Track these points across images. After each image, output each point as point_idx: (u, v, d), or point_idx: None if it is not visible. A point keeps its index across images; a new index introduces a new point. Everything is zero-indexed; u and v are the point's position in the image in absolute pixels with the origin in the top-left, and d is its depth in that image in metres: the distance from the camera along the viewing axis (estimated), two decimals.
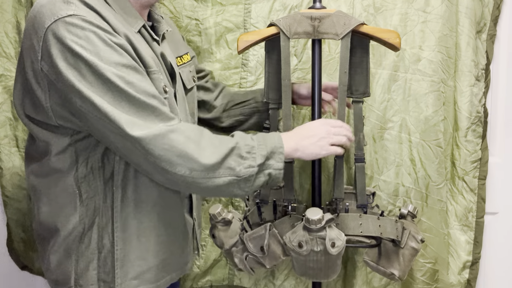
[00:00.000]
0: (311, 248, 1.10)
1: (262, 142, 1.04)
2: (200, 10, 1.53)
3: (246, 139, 1.04)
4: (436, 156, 1.48)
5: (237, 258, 1.23)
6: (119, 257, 1.06)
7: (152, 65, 1.03)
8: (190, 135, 0.98)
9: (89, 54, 0.91)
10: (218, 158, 0.98)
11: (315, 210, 1.10)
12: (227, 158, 0.99)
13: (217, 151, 0.99)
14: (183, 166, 0.96)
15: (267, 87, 1.29)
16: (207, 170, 0.97)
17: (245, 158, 1.01)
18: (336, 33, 1.18)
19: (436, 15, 1.45)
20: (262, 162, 1.02)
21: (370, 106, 1.49)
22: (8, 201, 1.59)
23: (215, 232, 1.30)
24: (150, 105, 0.96)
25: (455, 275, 1.55)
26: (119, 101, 0.93)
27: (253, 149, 1.02)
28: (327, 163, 1.51)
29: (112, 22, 0.97)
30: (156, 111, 0.96)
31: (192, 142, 0.97)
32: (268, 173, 1.03)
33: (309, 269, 1.14)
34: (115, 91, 0.93)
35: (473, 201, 1.54)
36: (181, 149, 0.95)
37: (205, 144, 0.99)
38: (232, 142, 1.01)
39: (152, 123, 0.95)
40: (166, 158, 0.95)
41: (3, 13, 1.55)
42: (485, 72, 1.52)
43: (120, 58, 0.95)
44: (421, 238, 1.24)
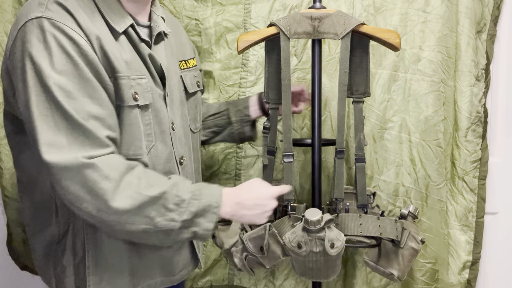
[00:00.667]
0: (310, 249, 1.10)
1: (197, 197, 0.98)
2: (200, 10, 1.53)
3: (179, 189, 0.97)
4: (436, 156, 1.48)
5: (237, 258, 1.23)
6: (90, 264, 1.03)
7: (121, 70, 0.99)
8: (109, 174, 0.91)
9: (41, 59, 0.90)
10: (135, 204, 0.92)
11: (314, 211, 1.10)
12: (148, 206, 0.93)
13: (137, 196, 0.92)
14: (90, 203, 0.91)
15: (267, 87, 1.29)
16: (118, 214, 0.92)
17: (170, 210, 0.95)
18: (336, 33, 1.18)
19: (436, 15, 1.45)
20: (188, 219, 0.97)
21: (370, 106, 1.49)
22: (8, 201, 1.59)
23: (215, 232, 1.29)
24: (84, 127, 0.91)
25: (455, 275, 1.55)
26: (52, 114, 0.90)
27: (182, 202, 0.96)
28: (327, 163, 1.51)
29: (84, 25, 0.95)
30: (89, 134, 0.91)
31: (108, 181, 0.90)
32: (193, 231, 0.99)
33: (308, 269, 1.14)
34: (52, 103, 0.90)
35: (473, 201, 1.54)
36: (91, 186, 0.90)
37: (125, 186, 0.92)
38: (160, 190, 0.95)
39: (75, 148, 0.90)
40: (73, 191, 0.90)
41: (3, 13, 1.55)
42: (485, 72, 1.52)
43: (73, 68, 0.91)
44: (421, 239, 1.24)
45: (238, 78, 1.53)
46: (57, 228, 1.04)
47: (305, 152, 1.53)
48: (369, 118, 1.49)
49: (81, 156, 0.89)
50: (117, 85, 0.99)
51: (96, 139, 0.92)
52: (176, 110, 1.15)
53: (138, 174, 0.95)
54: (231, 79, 1.53)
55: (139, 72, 1.04)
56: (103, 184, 0.90)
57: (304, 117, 1.52)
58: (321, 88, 1.26)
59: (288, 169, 1.21)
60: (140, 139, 1.03)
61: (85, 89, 0.92)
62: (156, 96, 1.07)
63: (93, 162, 0.90)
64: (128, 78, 1.00)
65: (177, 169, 1.13)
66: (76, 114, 0.90)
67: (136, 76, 1.03)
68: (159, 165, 1.08)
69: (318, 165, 1.26)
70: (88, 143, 0.91)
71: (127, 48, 1.03)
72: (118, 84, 0.99)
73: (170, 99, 1.12)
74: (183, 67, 1.23)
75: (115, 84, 0.98)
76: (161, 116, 1.08)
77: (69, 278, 1.05)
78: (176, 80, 1.17)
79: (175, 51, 1.21)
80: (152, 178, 0.98)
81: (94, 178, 0.90)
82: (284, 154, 1.22)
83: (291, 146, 1.22)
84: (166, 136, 1.10)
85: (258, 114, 1.39)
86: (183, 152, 1.16)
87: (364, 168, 1.28)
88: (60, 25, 0.92)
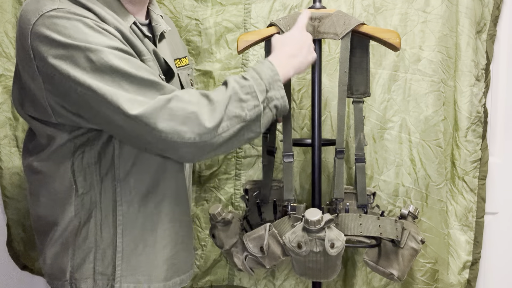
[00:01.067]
0: (310, 249, 1.10)
1: (257, 77, 1.02)
2: (200, 10, 1.53)
3: (240, 81, 1.01)
4: (436, 156, 1.48)
5: (237, 258, 1.23)
6: (121, 250, 1.05)
7: (146, 53, 1.03)
8: (190, 99, 0.96)
9: (79, 41, 0.91)
10: (221, 113, 0.96)
11: (314, 211, 1.10)
12: (229, 107, 0.97)
13: (217, 106, 0.97)
14: (191, 133, 0.94)
15: None
16: (214, 129, 0.95)
17: (247, 100, 0.99)
18: (336, 33, 1.18)
19: (436, 15, 1.45)
20: (264, 97, 1.00)
21: (370, 106, 1.49)
22: (8, 201, 1.59)
23: (215, 232, 1.29)
24: (149, 80, 0.95)
25: (455, 275, 1.55)
26: (118, 81, 0.92)
27: (251, 88, 1.00)
28: (327, 163, 1.51)
29: (101, 14, 0.97)
30: (156, 85, 0.95)
31: (192, 104, 0.95)
32: (273, 105, 1.02)
33: (308, 269, 1.14)
34: (112, 71, 0.92)
35: (473, 201, 1.54)
36: (182, 115, 0.94)
37: (203, 104, 0.97)
38: (228, 91, 0.99)
39: (153, 97, 0.94)
40: (171, 129, 0.93)
41: (3, 13, 1.55)
42: (485, 72, 1.52)
43: (110, 41, 0.94)
44: (421, 239, 1.24)
45: None
46: (78, 217, 1.04)
47: (305, 152, 1.53)
48: (369, 118, 1.49)
49: (161, 96, 0.94)
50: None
51: (164, 88, 0.96)
52: None
53: (205, 93, 0.99)
54: None
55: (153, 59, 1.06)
56: (190, 107, 0.94)
57: (304, 117, 1.52)
58: (321, 88, 1.26)
59: (288, 169, 1.21)
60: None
61: (129, 54, 0.96)
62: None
63: (172, 95, 0.94)
64: (152, 61, 1.04)
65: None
66: (137, 72, 0.94)
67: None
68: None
69: (318, 165, 1.26)
70: (159, 93, 0.95)
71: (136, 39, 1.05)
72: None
73: None
74: (178, 65, 1.24)
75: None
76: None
77: (88, 265, 1.05)
78: (175, 78, 1.18)
79: (171, 49, 1.23)
80: (214, 91, 1.01)
81: (180, 106, 0.93)
82: (284, 154, 1.22)
83: (291, 146, 1.22)
84: None
85: None
86: None
87: (364, 168, 1.28)
88: (80, 12, 0.94)
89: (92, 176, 1.04)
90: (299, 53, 1.10)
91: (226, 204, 1.57)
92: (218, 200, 1.57)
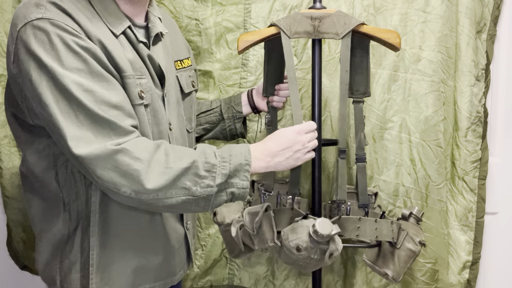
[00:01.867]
0: (308, 255, 1.09)
1: (227, 159, 1.00)
2: (200, 10, 1.53)
3: (207, 155, 0.99)
4: (436, 156, 1.48)
5: (234, 227, 1.22)
6: (94, 262, 1.04)
7: (126, 70, 1.00)
8: (140, 155, 0.93)
9: (50, 60, 0.90)
10: (169, 179, 0.94)
11: (325, 222, 1.07)
12: (181, 178, 0.95)
13: (169, 171, 0.94)
14: (127, 187, 0.93)
15: (266, 82, 1.32)
16: (155, 192, 0.94)
17: (203, 177, 0.97)
18: (336, 32, 1.18)
19: (436, 15, 1.45)
20: (222, 181, 0.98)
21: (370, 106, 1.49)
22: (8, 201, 1.59)
23: (217, 209, 1.28)
24: (106, 118, 0.92)
25: (455, 275, 1.55)
26: (74, 111, 0.91)
27: (213, 167, 0.98)
28: (327, 163, 1.51)
29: (84, 26, 0.96)
30: (112, 125, 0.93)
31: (140, 162, 0.93)
32: (230, 192, 1.00)
33: (296, 265, 1.13)
34: (71, 100, 0.91)
35: (473, 201, 1.54)
36: (125, 170, 0.92)
37: (156, 164, 0.94)
38: (189, 161, 0.97)
39: (102, 140, 0.92)
40: (109, 179, 0.92)
41: (3, 13, 1.55)
42: (485, 72, 1.52)
43: (83, 64, 0.92)
44: (420, 240, 1.23)
45: (238, 78, 1.53)
46: (66, 226, 1.04)
47: None
48: (369, 118, 1.49)
49: (109, 144, 0.91)
50: (124, 84, 0.99)
51: (120, 128, 0.94)
52: (172, 111, 1.15)
53: (166, 151, 0.97)
54: (231, 79, 1.53)
55: (140, 72, 1.04)
56: (136, 165, 0.92)
57: (304, 117, 1.52)
58: (321, 88, 1.26)
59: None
60: (150, 138, 1.04)
61: (99, 82, 0.93)
62: (155, 97, 1.08)
63: (122, 147, 0.92)
64: (134, 77, 1.01)
65: None
66: (96, 108, 0.91)
67: (138, 76, 1.03)
68: None
69: (318, 165, 1.26)
70: (114, 133, 0.93)
71: (128, 48, 1.04)
72: (125, 84, 0.99)
73: (168, 99, 1.13)
74: (178, 67, 1.23)
75: (122, 84, 0.99)
76: (159, 117, 1.08)
77: (74, 275, 1.05)
78: (173, 80, 1.17)
79: (170, 51, 1.21)
80: (179, 151, 0.99)
81: (126, 161, 0.92)
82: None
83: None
84: (163, 137, 1.10)
85: (249, 111, 1.42)
86: None
87: (365, 168, 1.28)
88: (62, 25, 0.92)
89: (77, 184, 1.03)
90: (281, 155, 1.07)
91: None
92: None
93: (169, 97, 1.14)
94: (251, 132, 1.53)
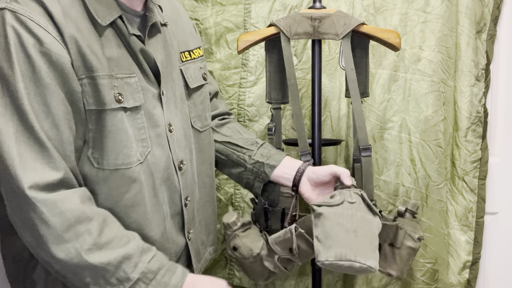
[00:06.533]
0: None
1: (148, 281, 0.85)
2: (200, 10, 1.53)
3: (130, 263, 0.84)
4: (436, 156, 1.48)
5: (267, 261, 1.15)
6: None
7: (99, 69, 0.86)
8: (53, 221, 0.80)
9: (1, 57, 0.81)
10: (72, 263, 0.81)
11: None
12: (85, 271, 0.82)
13: (76, 256, 0.81)
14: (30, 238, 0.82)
15: (269, 87, 1.28)
16: (54, 260, 0.82)
17: (109, 284, 0.83)
18: (336, 33, 1.18)
19: (436, 15, 1.45)
20: None
21: (370, 106, 1.49)
22: None
23: (236, 242, 1.17)
24: (43, 144, 0.80)
25: (455, 275, 1.55)
26: (5, 114, 0.80)
27: (127, 281, 0.83)
28: (327, 163, 1.51)
29: (57, 17, 0.83)
30: (46, 153, 0.81)
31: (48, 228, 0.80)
32: None
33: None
34: (7, 104, 0.80)
35: (473, 201, 1.54)
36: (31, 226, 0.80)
37: (70, 237, 0.81)
38: (105, 259, 0.82)
39: (23, 166, 0.79)
40: (13, 219, 0.82)
41: None
42: (485, 72, 1.52)
43: (29, 70, 0.81)
44: (419, 236, 1.21)
45: (238, 78, 1.53)
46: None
47: None
48: (369, 118, 1.49)
49: (26, 183, 0.78)
50: (95, 85, 0.86)
51: (50, 157, 0.81)
52: (174, 109, 1.02)
53: (90, 228, 0.83)
54: (231, 79, 1.53)
55: (128, 70, 0.92)
56: (43, 230, 0.80)
57: (304, 117, 1.52)
58: (321, 88, 1.26)
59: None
60: (129, 147, 0.90)
61: (41, 96, 0.81)
62: (149, 96, 0.95)
63: (34, 203, 0.79)
64: (110, 78, 0.88)
65: (176, 175, 1.01)
66: (35, 122, 0.80)
67: (124, 74, 0.91)
68: (158, 172, 0.96)
69: (318, 165, 1.26)
70: (42, 160, 0.80)
71: (113, 43, 0.91)
72: (96, 85, 0.86)
73: (166, 97, 1.00)
74: (185, 59, 1.10)
75: (93, 85, 0.86)
76: (155, 118, 0.96)
77: None
78: (176, 75, 1.05)
79: (175, 42, 1.08)
80: (107, 236, 0.84)
81: (34, 221, 0.80)
82: (301, 154, 1.19)
83: (307, 145, 1.20)
84: (162, 140, 0.98)
85: (284, 182, 1.18)
86: (183, 155, 1.03)
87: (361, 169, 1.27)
88: (24, 19, 0.81)
89: None
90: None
91: (226, 204, 1.57)
92: (219, 200, 1.57)
93: (170, 95, 1.01)
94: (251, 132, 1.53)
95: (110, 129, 0.88)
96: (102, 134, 0.88)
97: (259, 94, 1.51)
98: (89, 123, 0.88)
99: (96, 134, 0.88)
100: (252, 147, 1.20)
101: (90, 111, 0.87)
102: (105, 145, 0.88)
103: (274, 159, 1.18)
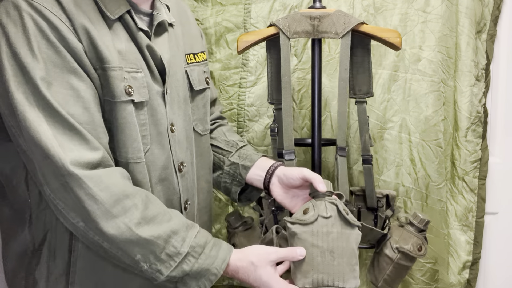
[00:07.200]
0: None
1: (197, 255, 0.86)
2: (200, 10, 1.53)
3: (178, 238, 0.85)
4: (436, 156, 1.48)
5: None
6: (75, 280, 0.90)
7: (111, 60, 0.86)
8: (99, 195, 0.80)
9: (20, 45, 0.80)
10: (121, 239, 0.81)
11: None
12: (135, 247, 0.82)
13: (126, 231, 0.81)
14: (77, 217, 0.82)
15: (271, 87, 1.28)
16: (103, 237, 0.82)
17: (159, 260, 0.83)
18: (336, 32, 1.17)
19: (436, 15, 1.45)
20: (177, 276, 0.85)
21: (370, 106, 1.49)
22: None
23: (235, 240, 1.19)
24: (71, 123, 0.81)
25: (455, 275, 1.55)
26: (37, 105, 0.80)
27: (177, 255, 0.84)
28: (327, 163, 1.51)
29: (68, 8, 0.84)
30: (78, 132, 0.81)
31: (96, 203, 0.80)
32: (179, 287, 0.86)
33: None
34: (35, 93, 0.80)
35: (473, 201, 1.54)
36: (77, 203, 0.80)
37: (118, 212, 0.81)
38: (154, 233, 0.83)
39: (62, 148, 0.79)
40: (60, 197, 0.81)
41: None
42: (485, 72, 1.52)
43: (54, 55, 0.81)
44: (398, 247, 1.18)
45: (238, 78, 1.53)
46: (31, 236, 0.91)
47: (305, 152, 1.53)
48: (369, 118, 1.49)
49: (69, 161, 0.79)
50: (106, 77, 0.86)
51: (85, 140, 0.82)
52: (177, 110, 1.01)
53: (136, 203, 0.84)
54: (231, 79, 1.53)
55: (135, 65, 0.91)
56: (91, 205, 0.80)
57: (304, 117, 1.52)
58: (321, 88, 1.26)
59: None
60: (138, 141, 0.91)
61: (68, 80, 0.82)
62: (153, 93, 0.95)
63: (81, 177, 0.79)
64: (121, 70, 0.88)
65: (175, 177, 1.00)
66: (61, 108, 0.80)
67: (131, 69, 0.90)
68: (155, 171, 0.95)
69: (318, 165, 1.26)
70: (78, 142, 0.81)
71: (122, 37, 0.91)
72: (107, 77, 0.86)
73: (170, 97, 0.99)
74: (190, 61, 1.09)
75: (104, 77, 0.86)
76: (158, 116, 0.96)
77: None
78: (180, 75, 1.04)
79: (181, 43, 1.07)
80: (152, 211, 0.86)
81: (80, 197, 0.80)
82: (285, 152, 1.17)
83: (292, 144, 1.18)
84: (163, 139, 0.97)
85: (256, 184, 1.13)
86: (184, 157, 1.02)
87: (371, 170, 1.25)
88: (39, 6, 0.81)
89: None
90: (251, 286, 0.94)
91: (226, 204, 1.57)
92: (218, 200, 1.57)
93: (174, 95, 1.00)
94: (251, 132, 1.53)
95: (121, 122, 0.89)
96: (113, 126, 0.89)
97: (259, 94, 1.51)
98: (105, 113, 0.88)
99: (110, 124, 0.89)
100: (231, 149, 1.17)
101: (105, 101, 0.88)
102: (116, 138, 0.89)
103: (249, 159, 1.13)
